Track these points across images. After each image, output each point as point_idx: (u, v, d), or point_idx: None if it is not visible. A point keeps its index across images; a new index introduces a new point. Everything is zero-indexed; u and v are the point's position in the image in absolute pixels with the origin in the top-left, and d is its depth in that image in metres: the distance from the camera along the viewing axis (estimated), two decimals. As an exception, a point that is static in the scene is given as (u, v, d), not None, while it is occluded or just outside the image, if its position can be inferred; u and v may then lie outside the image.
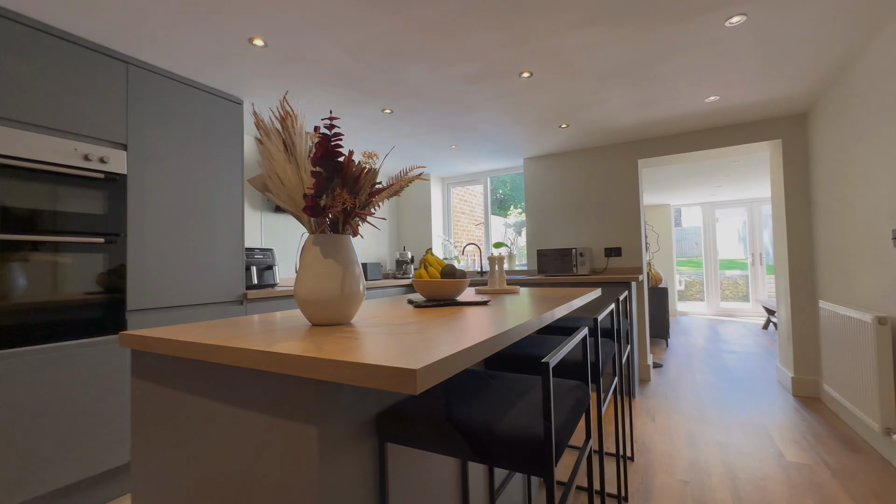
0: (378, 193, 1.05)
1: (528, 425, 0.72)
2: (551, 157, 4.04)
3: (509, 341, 0.89)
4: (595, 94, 2.63)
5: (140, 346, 0.96)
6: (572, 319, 2.03)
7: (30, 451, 1.61)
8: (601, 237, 3.80)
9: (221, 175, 2.39)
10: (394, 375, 0.59)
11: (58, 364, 1.70)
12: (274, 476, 0.76)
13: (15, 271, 1.60)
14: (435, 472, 1.06)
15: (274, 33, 1.87)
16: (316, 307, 1.01)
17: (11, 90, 1.62)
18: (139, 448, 1.00)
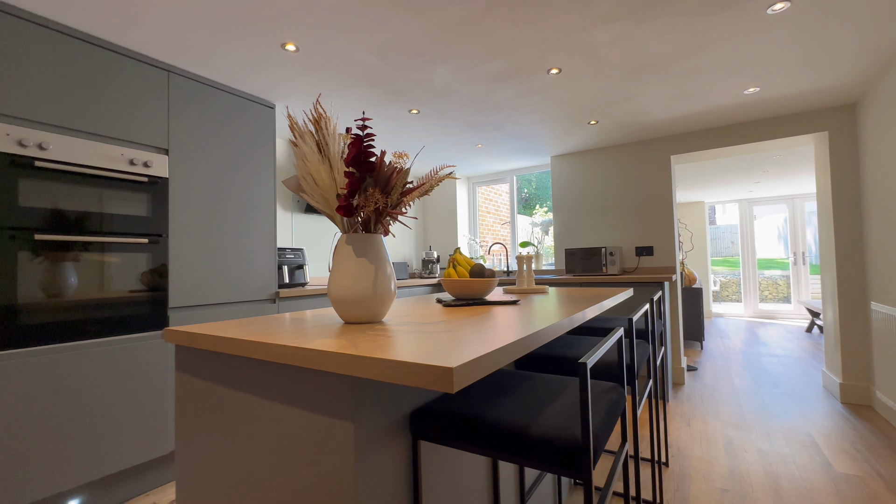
0: (409, 193, 1.06)
1: (565, 426, 0.71)
2: (579, 155, 3.97)
3: (543, 340, 0.88)
4: (626, 89, 2.56)
5: (184, 341, 1.00)
6: (602, 320, 1.98)
7: (82, 439, 1.71)
8: (632, 236, 3.70)
9: (255, 177, 2.46)
10: (430, 374, 0.59)
11: (106, 358, 1.80)
12: (311, 469, 0.78)
13: (67, 270, 1.70)
14: (466, 470, 1.06)
15: (305, 38, 1.91)
16: (349, 305, 1.02)
17: (66, 100, 1.73)
18: (183, 438, 1.04)
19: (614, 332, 0.90)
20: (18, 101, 1.61)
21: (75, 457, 1.69)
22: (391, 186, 1.03)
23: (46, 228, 1.66)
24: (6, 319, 1.54)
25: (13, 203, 1.58)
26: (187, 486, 1.02)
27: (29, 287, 1.60)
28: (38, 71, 1.66)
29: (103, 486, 1.79)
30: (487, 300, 1.50)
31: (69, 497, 1.70)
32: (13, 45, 1.60)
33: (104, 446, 1.77)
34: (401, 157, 1.16)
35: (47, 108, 1.68)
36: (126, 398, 1.85)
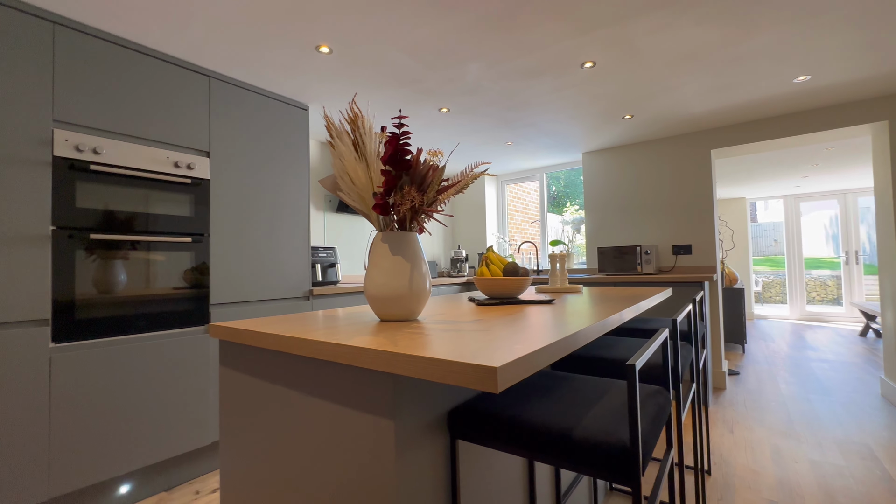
0: (445, 191, 1.05)
1: (611, 430, 0.69)
2: (612, 151, 3.86)
3: (585, 340, 0.85)
4: (664, 81, 2.46)
5: (228, 337, 1.03)
6: (640, 320, 1.92)
7: (131, 428, 1.80)
8: (668, 234, 3.57)
9: (289, 177, 2.52)
10: (474, 373, 0.58)
11: (153, 352, 1.89)
12: (351, 464, 0.79)
13: (118, 268, 1.80)
14: (502, 470, 1.05)
15: (339, 40, 1.94)
16: (384, 303, 1.03)
17: (117, 107, 1.82)
18: (227, 430, 1.07)
19: (659, 333, 0.86)
20: (76, 108, 1.71)
21: (126, 444, 1.78)
22: (427, 184, 1.03)
23: (100, 228, 1.75)
24: (66, 313, 1.64)
25: (71, 204, 1.68)
26: (231, 476, 1.06)
27: (85, 284, 1.70)
28: (93, 79, 1.76)
29: (151, 473, 1.89)
30: (521, 299, 1.48)
31: (121, 482, 1.79)
32: (72, 57, 1.70)
33: (151, 436, 1.86)
34: (435, 154, 1.16)
35: (101, 115, 1.77)
36: (171, 390, 1.94)
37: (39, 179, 1.61)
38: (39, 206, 1.60)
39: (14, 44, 1.57)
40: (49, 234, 1.62)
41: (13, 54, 1.56)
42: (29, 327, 1.57)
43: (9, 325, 1.53)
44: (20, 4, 1.59)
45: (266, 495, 0.96)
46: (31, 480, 1.54)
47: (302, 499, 0.88)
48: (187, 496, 1.86)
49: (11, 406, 1.51)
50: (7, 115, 1.54)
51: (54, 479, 1.59)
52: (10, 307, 1.52)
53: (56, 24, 1.67)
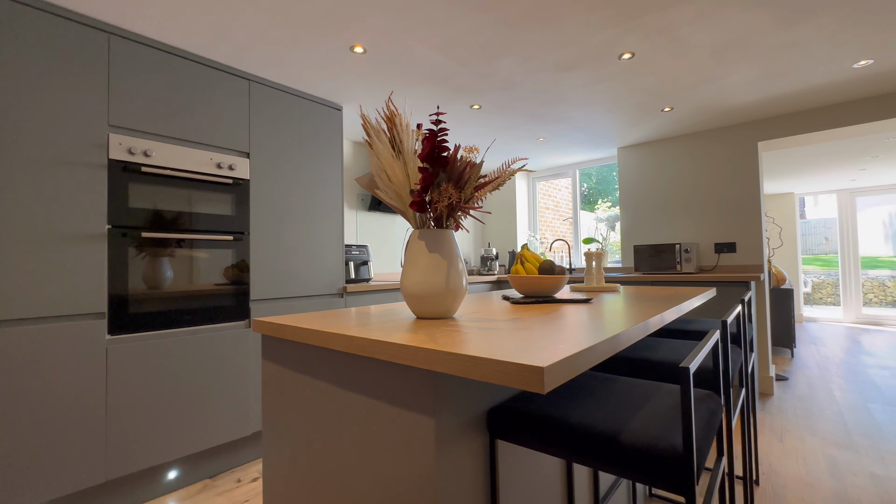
0: (482, 187, 1.04)
1: (661, 435, 0.66)
2: (650, 145, 3.72)
3: (630, 341, 0.82)
4: (708, 71, 2.35)
5: (270, 332, 1.06)
6: (682, 321, 1.84)
7: (177, 417, 1.89)
8: (710, 231, 3.41)
9: (324, 177, 2.58)
10: (519, 372, 0.57)
11: (197, 345, 1.98)
12: (390, 460, 0.79)
13: (165, 264, 1.89)
14: (540, 471, 1.03)
15: (373, 39, 1.96)
16: (421, 300, 1.03)
17: (166, 111, 1.91)
18: (269, 422, 1.11)
19: (710, 335, 0.82)
20: (129, 113, 1.80)
21: (173, 433, 1.87)
22: (464, 181, 1.02)
23: (150, 227, 1.85)
24: (120, 307, 1.75)
25: (124, 204, 1.78)
26: (273, 466, 1.09)
27: (136, 280, 1.80)
28: (144, 86, 1.85)
29: (196, 460, 1.98)
30: (557, 298, 1.45)
31: (169, 468, 1.89)
32: (125, 65, 1.80)
33: (196, 425, 1.95)
34: (471, 151, 1.14)
35: (151, 119, 1.87)
36: (214, 382, 2.02)
37: (96, 181, 1.71)
38: (97, 207, 1.70)
39: (75, 54, 1.67)
40: (105, 232, 1.72)
41: (74, 64, 1.67)
42: (88, 320, 1.67)
43: (70, 317, 1.64)
44: (80, 17, 1.69)
45: (306, 486, 0.98)
46: (91, 463, 1.65)
47: (341, 491, 0.89)
48: (229, 484, 1.94)
49: (73, 393, 1.62)
50: (68, 120, 1.65)
51: (111, 463, 1.69)
52: (70, 301, 1.63)
53: (111, 35, 1.77)
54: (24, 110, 1.55)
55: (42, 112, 1.59)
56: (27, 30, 1.57)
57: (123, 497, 1.75)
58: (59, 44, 1.64)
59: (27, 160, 1.55)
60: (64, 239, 1.62)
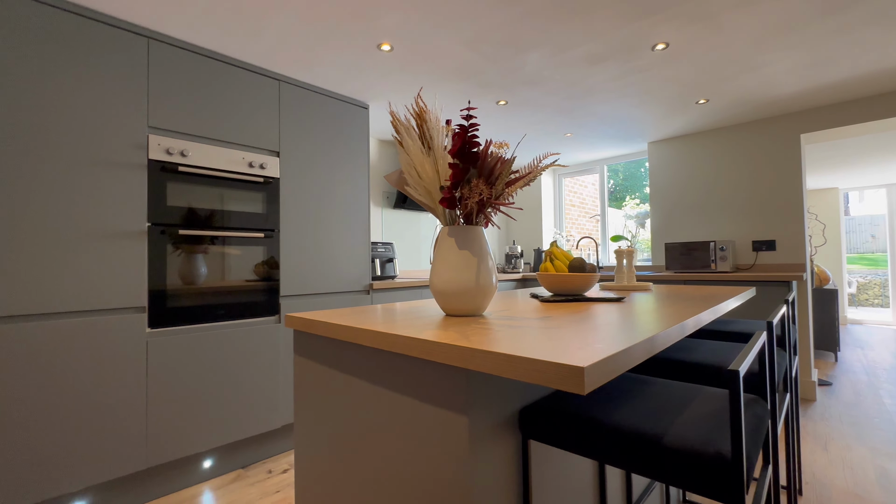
0: (514, 183, 1.02)
1: (706, 440, 0.63)
2: (682, 139, 3.59)
3: (670, 342, 0.79)
4: (748, 60, 2.24)
5: (302, 327, 1.07)
6: (720, 322, 1.76)
7: (211, 409, 1.96)
8: (748, 228, 3.26)
9: (351, 175, 2.61)
10: (557, 372, 0.55)
11: (229, 339, 2.04)
12: (422, 457, 0.79)
13: (200, 261, 1.95)
14: (571, 473, 1.00)
15: (400, 36, 1.96)
16: (451, 298, 1.02)
17: (200, 112, 1.97)
18: (300, 415, 1.12)
19: (757, 336, 0.78)
20: (167, 115, 1.87)
21: (208, 423, 1.94)
22: (495, 177, 1.01)
23: (187, 224, 1.91)
24: (159, 302, 1.82)
25: (162, 203, 1.84)
26: (304, 459, 1.10)
27: (174, 275, 1.86)
28: (180, 87, 1.92)
29: (230, 450, 2.04)
30: (588, 297, 1.42)
31: (205, 457, 1.95)
32: (163, 68, 1.86)
33: (229, 417, 2.01)
34: (501, 146, 1.13)
35: (187, 120, 1.93)
36: (246, 376, 2.08)
37: (137, 180, 1.78)
38: (137, 205, 1.78)
39: (116, 58, 1.74)
40: (145, 229, 1.79)
41: (116, 68, 1.74)
42: (129, 314, 1.75)
43: (113, 311, 1.71)
44: (120, 22, 1.76)
45: (337, 480, 0.99)
46: (133, 450, 1.72)
47: (372, 486, 0.90)
48: (261, 475, 1.99)
49: (116, 384, 1.69)
50: (111, 122, 1.72)
51: (151, 450, 1.77)
52: (113, 295, 1.70)
53: (150, 39, 1.84)
54: (72, 113, 1.63)
55: (88, 115, 1.67)
56: (74, 37, 1.65)
57: (163, 483, 1.82)
58: (103, 49, 1.71)
59: (74, 161, 1.63)
60: (108, 236, 1.70)
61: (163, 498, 1.81)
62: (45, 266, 1.56)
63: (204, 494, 1.83)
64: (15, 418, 1.48)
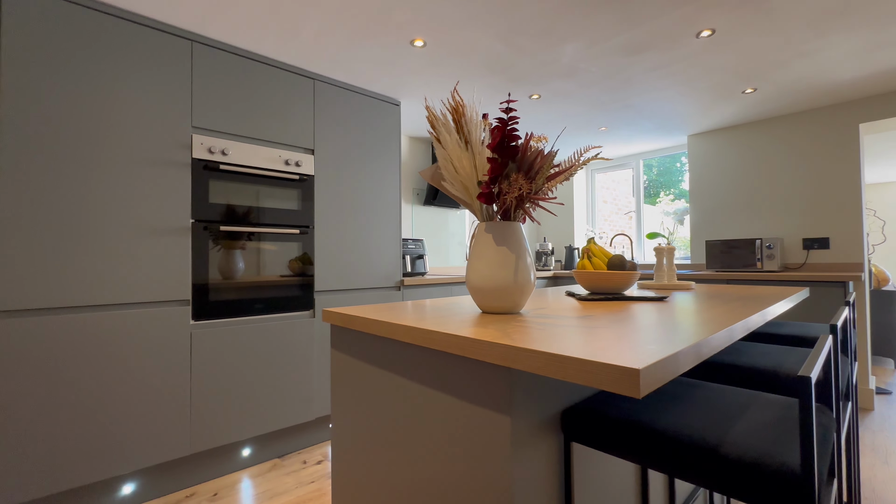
0: (554, 177, 0.99)
1: (770, 451, 0.58)
2: (726, 131, 3.41)
3: (724, 344, 0.74)
4: (802, 45, 2.09)
5: (339, 322, 1.08)
6: (769, 324, 1.66)
7: (249, 400, 2.02)
8: (797, 225, 3.07)
9: (382, 172, 2.62)
10: (610, 374, 0.53)
11: (266, 333, 2.09)
12: (461, 455, 0.78)
13: (239, 256, 2.01)
14: (613, 477, 0.97)
15: (433, 32, 1.95)
16: (488, 295, 1.00)
17: (239, 111, 2.03)
18: (338, 409, 1.14)
19: (822, 341, 0.72)
20: (208, 114, 1.94)
21: (247, 413, 2.00)
22: (535, 171, 0.98)
23: (227, 221, 1.98)
24: (202, 295, 1.89)
25: (205, 200, 1.91)
26: (342, 454, 1.12)
27: (215, 270, 1.93)
28: (222, 88, 1.98)
29: (267, 440, 2.10)
30: (628, 296, 1.36)
31: (244, 446, 2.02)
32: (206, 69, 1.93)
33: (267, 408, 2.07)
34: (539, 140, 1.10)
35: (228, 119, 1.99)
36: (282, 369, 2.13)
37: (182, 178, 1.85)
38: (182, 202, 1.85)
39: (162, 61, 1.82)
40: (189, 226, 1.86)
41: (162, 70, 1.81)
42: (174, 306, 1.82)
43: (160, 303, 1.79)
44: (166, 27, 1.83)
45: (375, 475, 1.00)
46: (177, 436, 1.80)
47: (410, 482, 0.89)
48: (296, 465, 2.04)
49: (163, 373, 1.78)
50: (158, 123, 1.80)
51: (194, 437, 1.84)
52: (160, 289, 1.78)
53: (194, 42, 1.90)
54: (124, 115, 1.71)
55: (138, 116, 1.75)
56: (126, 42, 1.73)
57: (206, 469, 1.90)
58: (151, 53, 1.79)
59: (125, 160, 1.72)
60: (155, 232, 1.78)
61: (205, 483, 1.88)
62: (99, 260, 1.65)
63: (243, 482, 1.89)
64: (72, 402, 1.57)
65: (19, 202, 1.50)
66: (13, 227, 1.49)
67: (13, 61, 1.50)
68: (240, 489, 1.83)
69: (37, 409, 1.51)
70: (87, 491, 1.63)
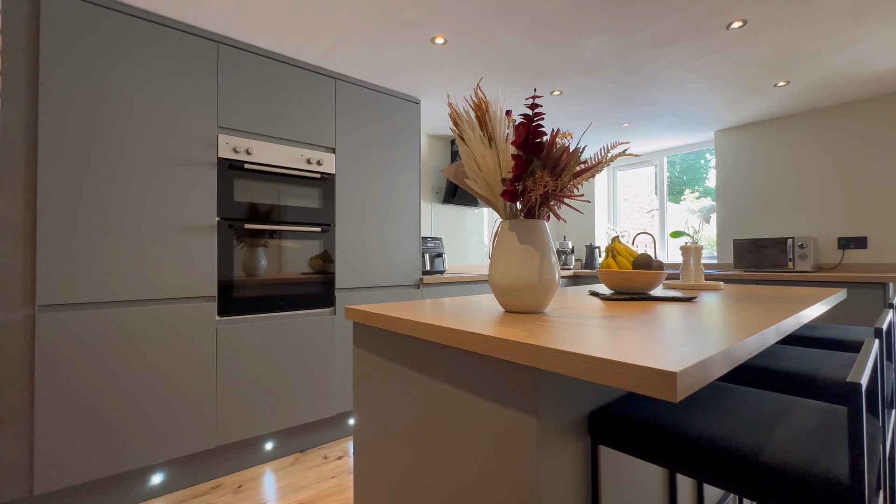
0: (581, 174, 0.97)
1: (813, 460, 0.56)
2: (755, 126, 3.30)
3: (762, 346, 0.71)
4: (841, 34, 2.00)
5: (362, 319, 1.09)
6: (804, 326, 1.60)
7: (272, 395, 2.06)
8: (832, 224, 2.94)
9: (402, 170, 2.63)
10: (644, 376, 0.51)
11: (289, 330, 2.13)
12: (485, 456, 0.77)
13: (260, 254, 2.05)
14: (641, 480, 0.95)
15: (455, 28, 1.94)
16: (511, 294, 0.99)
17: (263, 111, 2.07)
18: (360, 406, 1.14)
19: (869, 345, 0.68)
20: (233, 114, 1.97)
21: (270, 408, 2.04)
22: (561, 168, 0.96)
23: (251, 219, 2.01)
24: (227, 292, 1.93)
25: (230, 198, 1.95)
26: (363, 450, 1.12)
27: (239, 267, 1.97)
28: (246, 88, 2.01)
29: (289, 435, 2.14)
30: (654, 296, 1.33)
31: (267, 440, 2.06)
32: (231, 70, 1.96)
33: (289, 403, 2.10)
34: (564, 136, 1.07)
35: (252, 119, 2.03)
36: (303, 365, 2.17)
37: (208, 177, 1.89)
38: (208, 200, 1.89)
39: (190, 62, 1.86)
40: (215, 224, 1.91)
41: (190, 71, 1.86)
42: (201, 302, 1.87)
43: (187, 299, 1.84)
44: (193, 29, 1.87)
45: (397, 473, 1.00)
46: (204, 429, 1.85)
47: (432, 481, 0.89)
48: (317, 459, 2.07)
49: (190, 368, 1.82)
50: (184, 123, 1.84)
51: (220, 430, 1.89)
52: (187, 285, 1.83)
53: (219, 44, 1.94)
54: (152, 116, 1.76)
55: (166, 117, 1.79)
56: (155, 44, 1.77)
57: (231, 462, 1.95)
58: (179, 55, 1.83)
59: (155, 160, 1.76)
60: (183, 230, 1.82)
61: (230, 475, 1.93)
62: (131, 257, 1.70)
63: (266, 475, 1.93)
64: (106, 393, 1.63)
65: (59, 202, 1.56)
66: (54, 225, 1.55)
67: (50, 66, 1.56)
68: (263, 482, 1.86)
69: (75, 399, 1.57)
70: (119, 480, 1.69)
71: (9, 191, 1.49)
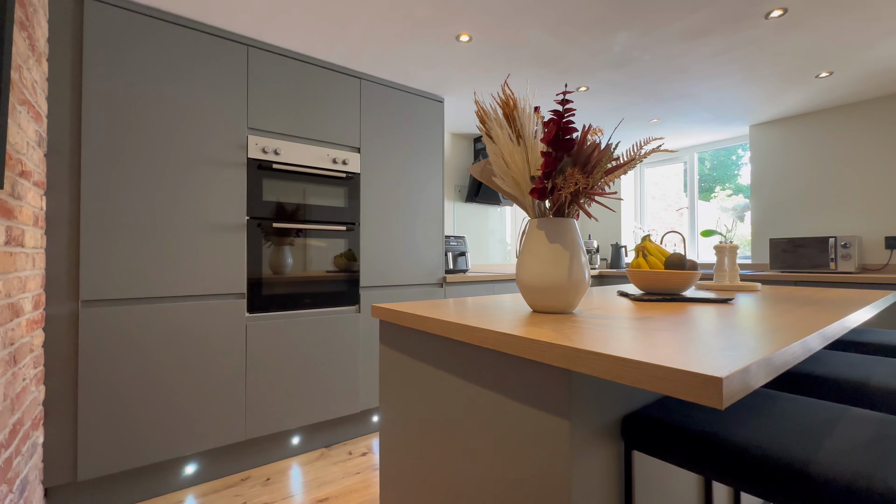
0: (613, 171, 0.94)
1: (868, 473, 0.52)
2: (794, 120, 3.15)
3: (809, 351, 0.68)
4: (890, 21, 1.88)
5: (388, 318, 1.09)
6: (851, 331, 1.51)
7: (298, 391, 2.10)
8: (879, 223, 2.78)
9: (426, 169, 2.63)
10: (687, 381, 0.49)
11: (315, 327, 2.16)
12: (515, 458, 0.76)
13: (287, 252, 2.09)
14: (673, 484, 0.92)
15: (479, 26, 1.92)
16: (540, 293, 0.97)
17: (291, 112, 2.10)
18: (386, 404, 1.15)
19: (930, 351, 0.64)
20: (263, 115, 2.02)
21: (296, 404, 2.08)
22: (592, 165, 0.94)
23: (279, 218, 2.06)
24: (256, 289, 1.98)
25: (259, 198, 2.00)
26: (389, 448, 1.13)
27: (267, 265, 2.02)
28: (275, 89, 2.06)
29: (315, 430, 2.18)
30: (687, 297, 1.28)
31: (293, 435, 2.11)
32: (260, 72, 2.01)
33: (315, 399, 2.14)
34: (594, 132, 1.05)
35: (280, 120, 2.07)
36: (329, 362, 2.20)
37: (238, 177, 1.94)
38: (238, 200, 1.94)
39: (221, 66, 1.91)
40: (245, 223, 1.96)
41: (221, 74, 1.91)
42: (231, 299, 1.92)
43: (219, 296, 1.89)
44: (224, 33, 1.92)
45: (423, 472, 1.00)
46: (234, 423, 1.90)
47: (459, 482, 0.89)
48: (342, 455, 2.10)
49: (220, 363, 1.88)
50: (216, 125, 1.89)
51: (249, 424, 1.94)
52: (218, 282, 1.88)
53: (249, 47, 1.99)
54: (186, 118, 1.82)
55: (199, 119, 1.85)
56: (187, 49, 1.83)
57: (259, 455, 2.00)
58: (210, 58, 1.88)
59: (188, 161, 1.82)
60: (215, 228, 1.88)
61: (258, 468, 1.98)
62: (166, 254, 1.76)
63: (293, 468, 1.97)
64: (141, 386, 1.70)
65: (101, 201, 1.63)
66: (96, 224, 1.62)
67: (92, 71, 1.63)
68: (290, 476, 1.90)
69: (115, 391, 1.64)
70: (155, 469, 1.75)
71: (57, 192, 1.57)
